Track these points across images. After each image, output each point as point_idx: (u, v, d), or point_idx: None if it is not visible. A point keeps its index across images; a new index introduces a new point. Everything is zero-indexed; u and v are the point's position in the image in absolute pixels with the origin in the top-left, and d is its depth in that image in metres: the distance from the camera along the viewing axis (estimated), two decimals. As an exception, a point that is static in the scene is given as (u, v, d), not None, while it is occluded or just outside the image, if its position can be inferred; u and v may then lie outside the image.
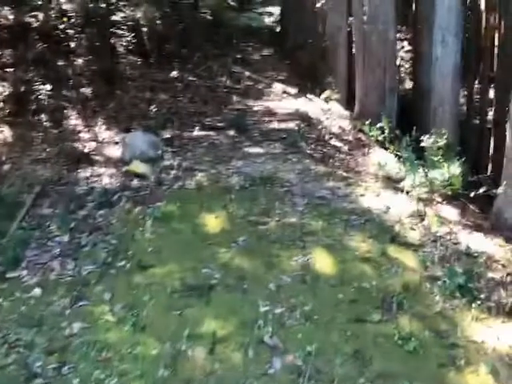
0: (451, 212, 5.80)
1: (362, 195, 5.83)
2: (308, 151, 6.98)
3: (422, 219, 5.44)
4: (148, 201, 5.46)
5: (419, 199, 5.70)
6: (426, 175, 5.79)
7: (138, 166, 6.10)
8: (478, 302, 4.23)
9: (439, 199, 5.91)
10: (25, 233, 4.92)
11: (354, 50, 9.16)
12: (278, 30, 14.92)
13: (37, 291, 4.18)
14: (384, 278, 4.46)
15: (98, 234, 4.94)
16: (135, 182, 5.94)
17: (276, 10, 16.36)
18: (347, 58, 9.82)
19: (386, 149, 6.83)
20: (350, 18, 9.77)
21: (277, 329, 3.81)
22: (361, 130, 7.67)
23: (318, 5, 10.70)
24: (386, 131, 5.80)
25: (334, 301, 4.14)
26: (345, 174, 6.38)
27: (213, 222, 5.06)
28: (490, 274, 4.66)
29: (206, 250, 4.64)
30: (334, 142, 7.52)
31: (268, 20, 16.03)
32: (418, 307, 4.18)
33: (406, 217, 5.44)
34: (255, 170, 6.21)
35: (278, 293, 4.18)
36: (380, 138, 5.79)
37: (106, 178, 6.12)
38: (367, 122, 5.70)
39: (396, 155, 6.66)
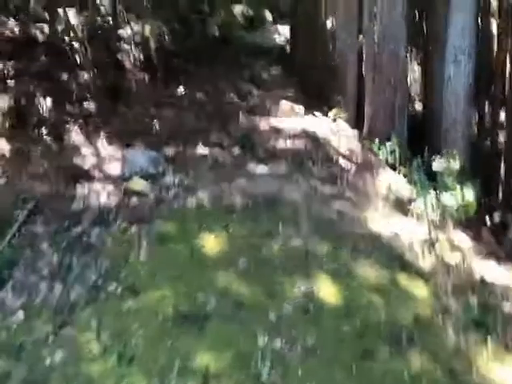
0: (464, 238, 5.44)
1: (370, 218, 5.49)
2: (314, 171, 6.65)
3: (434, 245, 5.09)
4: (145, 220, 5.13)
5: (430, 224, 5.35)
6: (438, 199, 5.44)
7: (137, 184, 5.79)
8: (495, 338, 3.87)
9: (451, 224, 5.55)
10: (14, 251, 4.62)
11: (363, 69, 8.84)
12: (287, 48, 14.69)
13: (20, 315, 3.85)
14: (393, 310, 4.10)
15: (90, 254, 4.61)
16: (134, 200, 5.62)
17: (286, 29, 16.17)
18: (357, 76, 9.53)
19: (396, 170, 6.50)
20: (360, 37, 9.51)
21: (276, 364, 3.46)
22: (370, 150, 7.34)
23: (328, 23, 10.46)
24: (396, 152, 5.48)
25: (338, 334, 3.79)
26: (353, 196, 6.03)
27: (212, 244, 4.72)
28: (507, 307, 4.29)
29: (202, 274, 4.30)
30: (341, 161, 7.17)
31: (278, 39, 15.79)
32: (430, 343, 3.83)
33: (417, 242, 5.09)
34: (259, 190, 5.88)
35: (278, 324, 3.83)
36: (390, 159, 5.46)
37: (104, 195, 5.81)
38: (377, 143, 5.38)
39: (406, 177, 6.33)
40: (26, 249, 4.70)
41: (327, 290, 4.22)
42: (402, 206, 5.85)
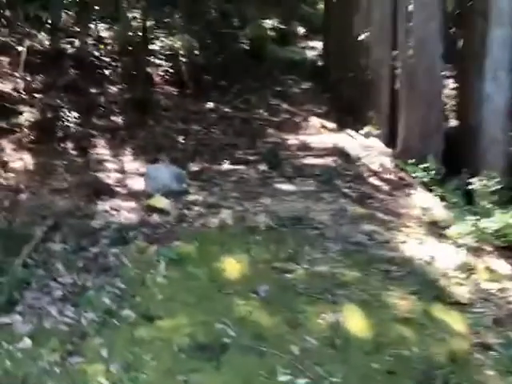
0: (505, 265, 5.00)
1: (403, 242, 5.12)
2: (344, 190, 6.31)
3: (471, 273, 4.69)
4: (165, 239, 4.87)
5: (468, 249, 4.96)
6: (476, 223, 5.04)
7: (160, 201, 5.55)
8: (541, 381, 3.46)
9: (491, 250, 5.13)
10: (27, 271, 4.37)
11: (397, 85, 8.47)
12: (319, 63, 14.41)
13: (27, 342, 3.59)
14: (427, 345, 3.72)
15: (106, 275, 4.35)
16: (155, 218, 5.37)
17: (319, 44, 15.90)
18: (390, 92, 9.17)
19: (431, 190, 6.11)
20: (394, 52, 9.16)
21: (297, 405, 3.13)
22: (403, 169, 6.96)
23: (361, 37, 10.13)
24: (432, 172, 5.08)
25: (367, 371, 3.44)
26: (384, 217, 5.67)
27: (233, 267, 4.42)
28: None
29: (221, 301, 4.00)
30: (373, 180, 6.82)
31: (310, 54, 15.54)
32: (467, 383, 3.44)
33: (453, 269, 4.70)
34: (285, 209, 5.57)
35: (302, 358, 3.49)
36: (425, 179, 5.08)
37: (125, 212, 5.58)
38: (411, 161, 5.00)
39: (441, 198, 5.94)
40: (41, 268, 4.45)
41: (355, 321, 3.87)
42: (436, 229, 5.47)
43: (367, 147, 8.04)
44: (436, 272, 4.64)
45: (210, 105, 9.57)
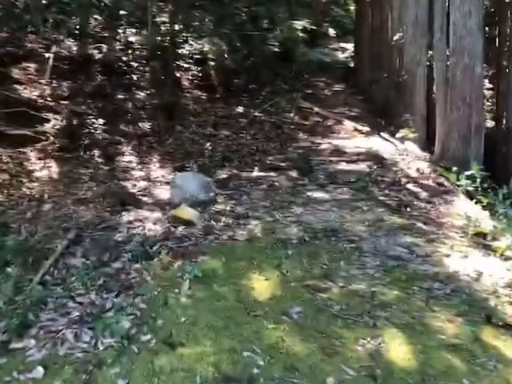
0: (560, 282, 4.49)
1: (446, 255, 4.65)
2: (381, 198, 5.86)
3: (524, 291, 4.19)
4: (190, 254, 4.50)
5: (519, 264, 4.47)
6: (528, 235, 4.55)
7: (186, 212, 5.18)
8: None
9: (544, 265, 4.62)
10: (45, 289, 4.05)
11: (434, 86, 7.96)
12: (351, 65, 13.94)
13: (39, 371, 3.25)
14: (478, 376, 3.26)
15: (126, 294, 4.00)
16: (180, 230, 5.02)
17: (350, 45, 15.44)
18: (426, 94, 8.67)
19: (476, 199, 5.60)
20: (430, 52, 8.66)
21: None
22: (442, 175, 6.47)
23: (395, 38, 9.64)
24: (478, 180, 4.57)
25: (412, 409, 3.00)
26: (425, 227, 5.21)
27: (262, 286, 4.01)
28: None
29: (250, 325, 3.59)
30: (411, 187, 6.35)
31: (341, 55, 15.10)
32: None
33: (503, 287, 4.21)
34: (318, 220, 5.16)
35: (338, 392, 3.07)
36: (470, 188, 4.58)
37: (150, 223, 5.24)
38: (454, 169, 4.51)
39: (485, 207, 5.44)
40: (59, 286, 4.13)
41: (397, 349, 3.43)
42: (482, 242, 4.98)
43: (403, 151, 7.58)
44: (485, 290, 4.16)
45: (240, 109, 9.22)
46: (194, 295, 3.90)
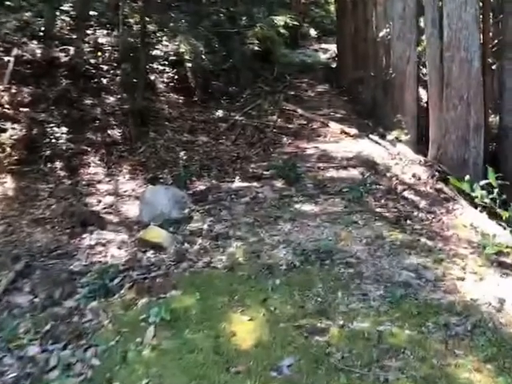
0: None
1: (460, 279, 3.82)
2: (377, 209, 5.04)
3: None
4: (158, 288, 3.63)
5: (546, 288, 3.66)
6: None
7: (155, 233, 4.31)
8: None
9: None
10: (-22, 339, 3.17)
11: (428, 84, 7.15)
12: (334, 65, 13.15)
13: None
14: None
15: (77, 345, 3.13)
16: (148, 255, 4.16)
17: (331, 46, 14.68)
18: (416, 92, 7.89)
19: (477, 206, 4.76)
20: (419, 48, 7.87)
21: None
22: (442, 180, 5.67)
23: (381, 34, 8.84)
24: (495, 190, 3.76)
25: None
26: (430, 243, 4.38)
27: (245, 330, 3.16)
28: None
29: (230, 386, 2.74)
30: (408, 195, 5.54)
31: (323, 56, 14.31)
32: None
33: (532, 318, 3.40)
34: (308, 238, 4.32)
35: None
36: (487, 200, 3.78)
37: (114, 247, 4.38)
38: (467, 178, 3.73)
39: (490, 215, 4.64)
40: (-4, 334, 3.24)
41: (418, 414, 2.60)
42: (497, 259, 4.17)
43: (395, 155, 6.77)
44: (511, 323, 3.34)
45: (219, 113, 8.36)
46: (159, 345, 3.03)
